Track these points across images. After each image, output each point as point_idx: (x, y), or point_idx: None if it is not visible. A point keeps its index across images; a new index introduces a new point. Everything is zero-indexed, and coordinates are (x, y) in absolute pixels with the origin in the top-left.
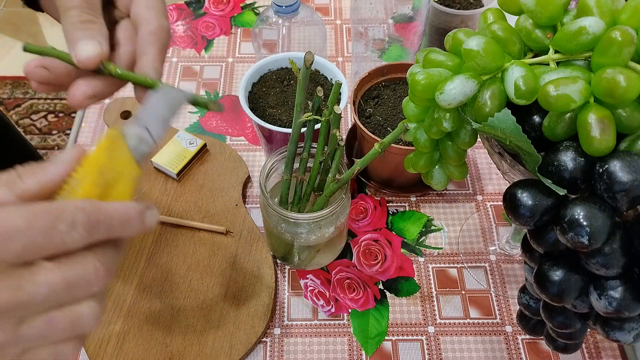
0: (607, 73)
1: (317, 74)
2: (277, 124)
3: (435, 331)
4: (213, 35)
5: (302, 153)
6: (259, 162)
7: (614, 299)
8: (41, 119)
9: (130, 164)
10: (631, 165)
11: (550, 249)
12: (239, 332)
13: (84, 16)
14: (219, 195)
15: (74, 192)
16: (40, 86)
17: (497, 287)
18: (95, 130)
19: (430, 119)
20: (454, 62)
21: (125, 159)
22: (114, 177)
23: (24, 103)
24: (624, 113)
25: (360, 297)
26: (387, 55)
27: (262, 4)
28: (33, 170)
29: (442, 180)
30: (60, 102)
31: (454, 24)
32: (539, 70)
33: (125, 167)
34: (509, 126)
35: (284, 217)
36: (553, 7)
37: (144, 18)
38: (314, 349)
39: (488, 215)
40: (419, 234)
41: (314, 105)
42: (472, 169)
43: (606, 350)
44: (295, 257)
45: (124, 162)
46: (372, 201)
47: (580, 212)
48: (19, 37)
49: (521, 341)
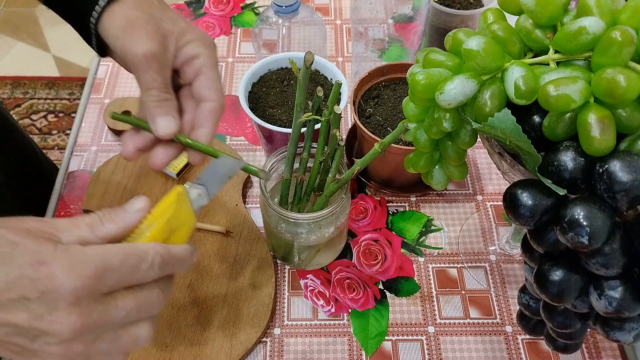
0: (607, 73)
1: (317, 74)
2: (277, 124)
3: (435, 331)
4: (213, 35)
5: (302, 153)
6: (259, 162)
7: (614, 299)
8: (41, 119)
9: (190, 216)
10: (631, 165)
11: (550, 249)
12: (239, 332)
13: (162, 95)
14: (219, 195)
15: (143, 235)
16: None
17: (497, 287)
18: (95, 130)
19: (430, 119)
20: (454, 62)
21: (187, 211)
22: (177, 225)
23: (24, 103)
24: (624, 113)
25: (360, 297)
26: (387, 55)
27: (262, 4)
28: (112, 216)
29: (442, 180)
30: (60, 102)
31: (454, 24)
32: (539, 70)
33: (186, 218)
34: (509, 126)
35: (284, 217)
36: (553, 7)
37: (205, 96)
38: (314, 349)
39: (488, 215)
40: (419, 234)
41: (314, 105)
42: (472, 169)
43: (606, 350)
44: (295, 257)
45: (186, 214)
46: (372, 201)
47: (580, 212)
48: (19, 37)
49: (521, 341)
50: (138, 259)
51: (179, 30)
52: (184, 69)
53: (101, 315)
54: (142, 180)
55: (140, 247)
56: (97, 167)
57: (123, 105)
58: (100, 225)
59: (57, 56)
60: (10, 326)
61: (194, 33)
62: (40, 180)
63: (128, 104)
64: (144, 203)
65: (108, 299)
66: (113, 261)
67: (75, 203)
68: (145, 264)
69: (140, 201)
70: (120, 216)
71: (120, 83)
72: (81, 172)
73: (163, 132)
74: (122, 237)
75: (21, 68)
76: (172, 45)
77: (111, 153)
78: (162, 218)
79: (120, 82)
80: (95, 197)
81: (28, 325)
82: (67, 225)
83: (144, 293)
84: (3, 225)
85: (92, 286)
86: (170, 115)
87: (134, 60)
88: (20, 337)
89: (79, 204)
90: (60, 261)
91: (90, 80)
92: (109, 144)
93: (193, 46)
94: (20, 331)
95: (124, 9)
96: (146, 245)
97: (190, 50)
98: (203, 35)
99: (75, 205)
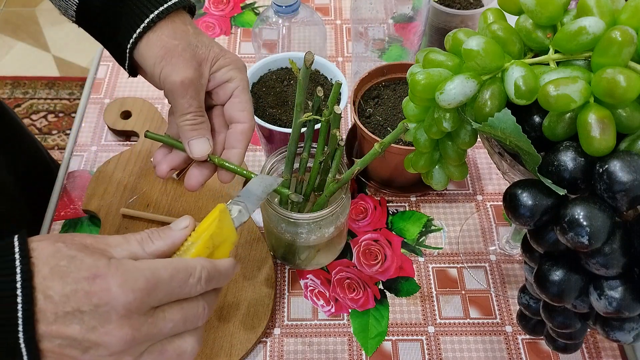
0: (607, 73)
1: (317, 74)
2: (277, 124)
3: (435, 331)
4: (213, 35)
5: (302, 153)
6: (259, 162)
7: (614, 299)
8: (41, 119)
9: (232, 232)
10: (631, 165)
11: (550, 249)
12: (239, 332)
13: (197, 119)
14: (219, 195)
15: (189, 251)
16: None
17: (497, 287)
18: (95, 130)
19: (430, 119)
20: (454, 62)
21: (229, 228)
22: (219, 240)
23: (24, 103)
24: (624, 113)
25: (360, 297)
26: (387, 55)
27: (262, 4)
28: (160, 234)
29: (442, 180)
30: (60, 102)
31: (454, 24)
32: (539, 70)
33: (228, 234)
34: (509, 126)
35: (284, 217)
36: (553, 7)
37: (238, 118)
38: (314, 349)
39: (488, 215)
40: (419, 234)
41: (314, 105)
42: (472, 169)
43: (606, 350)
44: (295, 257)
45: (228, 230)
46: (372, 201)
47: (580, 212)
48: (19, 37)
49: (521, 341)
50: (186, 273)
51: (214, 55)
52: (216, 91)
53: (150, 328)
54: (142, 179)
55: (188, 262)
56: (97, 167)
57: (123, 105)
58: (149, 242)
59: (57, 56)
60: (64, 338)
61: (227, 57)
62: (48, 180)
63: (128, 104)
64: (189, 221)
65: (157, 311)
66: (163, 275)
67: (75, 203)
68: (192, 279)
69: (185, 220)
70: (167, 233)
71: (120, 83)
72: (81, 172)
73: (198, 154)
74: (169, 253)
75: (21, 68)
76: (207, 71)
77: (111, 153)
78: (206, 235)
79: (120, 82)
80: (95, 197)
81: (81, 338)
82: (119, 242)
83: (191, 306)
84: (60, 239)
85: (143, 299)
86: (205, 137)
87: (172, 87)
88: (73, 349)
89: (79, 203)
90: (114, 275)
91: (90, 80)
92: (109, 143)
93: (226, 70)
94: (73, 343)
95: (162, 38)
96: (193, 261)
97: (223, 74)
98: (236, 59)
99: (75, 205)
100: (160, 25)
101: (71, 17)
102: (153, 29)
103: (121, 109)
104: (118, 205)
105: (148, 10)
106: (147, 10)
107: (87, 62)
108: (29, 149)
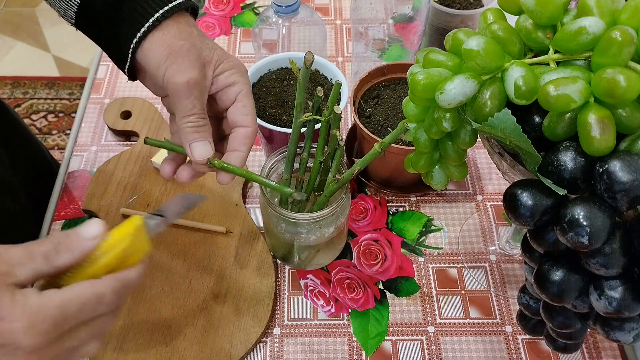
0: (607, 73)
1: (317, 74)
2: (277, 124)
3: (435, 331)
4: (213, 35)
5: (302, 153)
6: (259, 162)
7: (614, 299)
8: (41, 119)
9: (146, 243)
10: (631, 165)
11: (550, 249)
12: (239, 332)
13: (199, 122)
14: (218, 195)
15: (98, 261)
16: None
17: (497, 287)
18: (95, 130)
19: (430, 119)
20: (454, 62)
21: (143, 239)
22: (131, 252)
23: (24, 103)
24: (624, 113)
25: (360, 297)
26: (387, 55)
27: (262, 4)
28: (67, 244)
29: (442, 180)
30: (60, 102)
31: (454, 24)
32: (539, 70)
33: (141, 245)
34: (509, 126)
35: (284, 217)
36: (553, 7)
37: (241, 122)
38: (314, 349)
39: (488, 215)
40: (419, 234)
41: (314, 105)
42: (472, 169)
43: (606, 350)
44: (295, 257)
45: (142, 242)
46: (372, 201)
47: (580, 212)
48: (19, 37)
49: (521, 341)
50: (96, 302)
51: (217, 58)
52: (219, 95)
53: (57, 351)
54: (142, 179)
55: (96, 289)
56: (97, 167)
57: (123, 105)
58: (55, 256)
59: (57, 56)
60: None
61: (230, 61)
62: (50, 181)
63: (128, 104)
64: (99, 229)
65: (65, 335)
66: (72, 309)
67: (75, 203)
68: (102, 305)
69: (95, 227)
70: (75, 244)
71: (120, 83)
72: (81, 172)
73: (199, 157)
74: (77, 264)
75: (21, 68)
76: (210, 73)
77: (111, 153)
78: (118, 247)
79: (120, 82)
80: (95, 196)
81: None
82: (22, 259)
83: (98, 322)
84: None
85: (50, 338)
86: (206, 140)
87: (176, 87)
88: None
89: (79, 203)
90: (20, 318)
91: (90, 80)
92: (109, 143)
93: (229, 74)
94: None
95: (167, 38)
96: (102, 285)
97: (226, 77)
98: (238, 63)
99: (75, 205)
100: (166, 24)
101: (70, 18)
102: (158, 27)
103: (121, 109)
104: (118, 205)
105: (153, 9)
106: (152, 9)
107: (87, 62)
108: (32, 149)
